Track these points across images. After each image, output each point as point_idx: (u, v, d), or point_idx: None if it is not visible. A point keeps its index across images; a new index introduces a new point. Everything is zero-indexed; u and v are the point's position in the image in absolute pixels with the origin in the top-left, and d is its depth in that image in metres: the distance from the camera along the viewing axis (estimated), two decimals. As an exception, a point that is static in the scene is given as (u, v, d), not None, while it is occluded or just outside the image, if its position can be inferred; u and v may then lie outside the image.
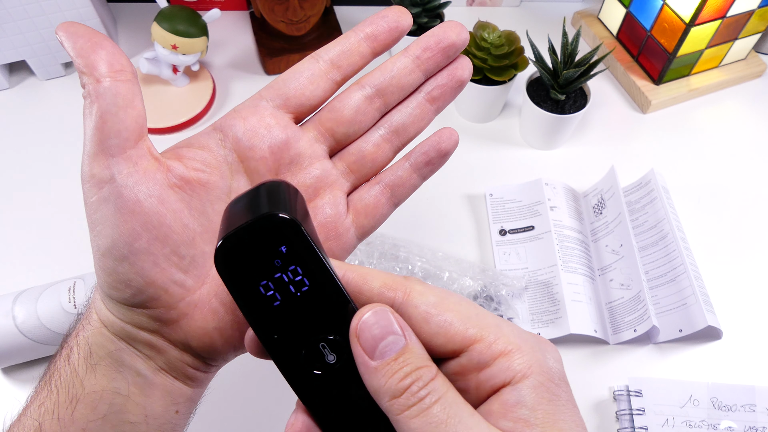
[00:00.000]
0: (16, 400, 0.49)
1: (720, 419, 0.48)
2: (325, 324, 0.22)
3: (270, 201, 0.22)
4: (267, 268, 0.22)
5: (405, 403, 0.20)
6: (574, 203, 0.60)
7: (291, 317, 0.22)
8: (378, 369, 0.20)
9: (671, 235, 0.55)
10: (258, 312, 0.22)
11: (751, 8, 0.64)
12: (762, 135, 0.68)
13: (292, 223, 0.21)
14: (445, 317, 0.22)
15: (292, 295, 0.22)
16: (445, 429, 0.19)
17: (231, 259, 0.22)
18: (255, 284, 0.22)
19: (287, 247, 0.21)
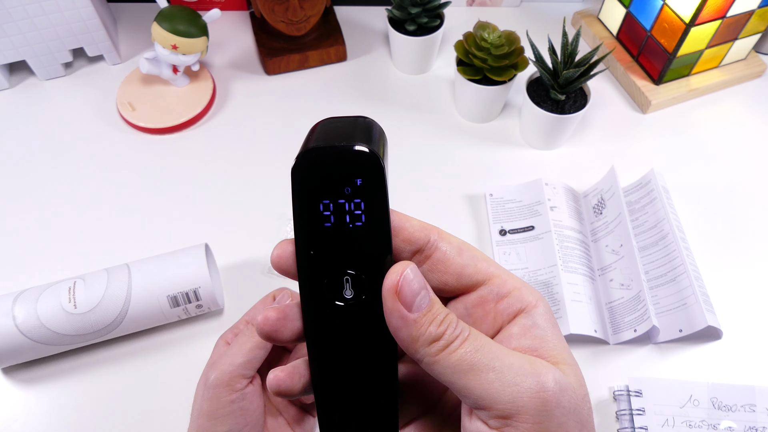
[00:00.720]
0: (16, 400, 0.49)
1: (720, 419, 0.48)
2: (359, 261, 0.24)
3: (365, 135, 0.24)
4: (336, 191, 0.23)
5: (443, 344, 0.23)
6: (574, 203, 0.60)
7: (333, 242, 0.24)
8: (417, 321, 0.23)
9: (671, 235, 0.55)
10: (308, 224, 0.24)
11: (751, 8, 0.64)
12: (762, 135, 0.68)
13: (379, 164, 0.23)
14: (473, 253, 0.26)
15: (344, 224, 0.23)
16: (479, 356, 0.23)
17: (309, 168, 0.23)
18: (318, 200, 0.23)
19: (362, 182, 0.23)
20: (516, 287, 0.25)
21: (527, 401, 0.22)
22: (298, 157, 0.23)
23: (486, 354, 0.23)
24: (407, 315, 0.23)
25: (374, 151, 0.23)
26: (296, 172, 0.23)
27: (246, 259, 0.57)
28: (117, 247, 0.57)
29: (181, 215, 0.60)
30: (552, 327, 0.25)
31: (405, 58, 0.71)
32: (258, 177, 0.63)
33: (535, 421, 0.22)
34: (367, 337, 0.25)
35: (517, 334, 0.25)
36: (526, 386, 0.22)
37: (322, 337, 0.25)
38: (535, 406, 0.22)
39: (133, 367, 0.51)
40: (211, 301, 0.50)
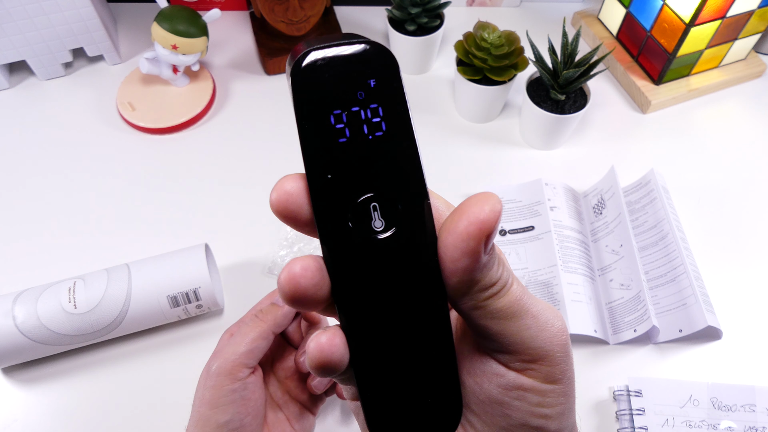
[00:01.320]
0: (16, 400, 0.49)
1: (720, 419, 0.48)
2: (389, 179, 0.20)
3: (370, 40, 0.20)
4: (347, 97, 0.19)
5: (497, 289, 0.21)
6: (574, 203, 0.60)
7: (353, 160, 0.19)
8: (486, 264, 0.20)
9: (671, 235, 0.55)
10: (319, 144, 0.19)
11: (750, 8, 0.64)
12: (762, 135, 0.68)
13: (392, 58, 0.19)
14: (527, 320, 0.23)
15: (363, 136, 0.19)
16: (523, 302, 0.21)
17: (310, 75, 0.19)
18: (327, 112, 0.19)
19: (377, 82, 0.19)
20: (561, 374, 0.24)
21: (554, 345, 0.22)
22: (297, 60, 0.19)
23: (526, 299, 0.22)
24: (482, 258, 0.19)
25: (383, 46, 0.19)
26: (297, 79, 0.19)
27: (246, 259, 0.57)
28: (117, 247, 0.57)
29: (181, 215, 0.60)
30: None
31: (405, 58, 0.71)
32: (258, 177, 0.63)
33: (556, 362, 0.22)
34: (409, 278, 0.20)
35: None
36: (553, 332, 0.22)
37: (355, 287, 0.20)
38: (559, 349, 0.22)
39: (133, 367, 0.51)
40: (211, 301, 0.50)
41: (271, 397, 0.43)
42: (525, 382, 0.22)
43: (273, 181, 0.67)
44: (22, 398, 0.49)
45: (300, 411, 0.44)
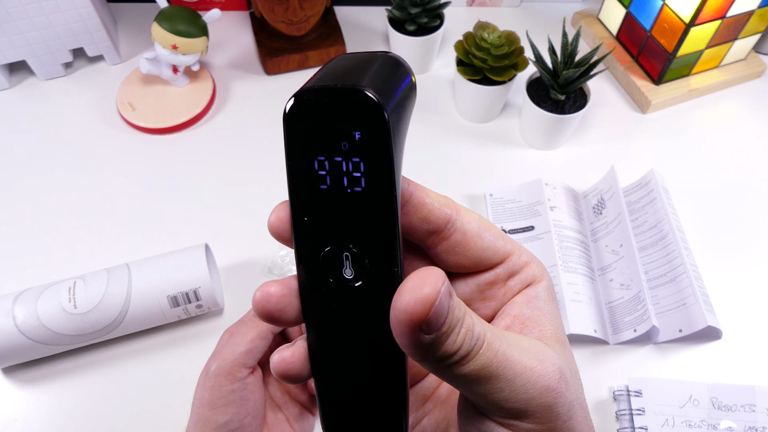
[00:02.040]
0: (16, 400, 0.49)
1: (720, 419, 0.48)
2: (361, 234, 0.20)
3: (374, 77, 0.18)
4: (331, 146, 0.18)
5: (457, 359, 0.20)
6: (573, 203, 0.60)
7: (330, 208, 0.19)
8: (437, 339, 0.19)
9: (671, 235, 0.55)
10: (301, 184, 0.19)
11: (750, 8, 0.64)
12: (762, 135, 0.68)
13: (380, 116, 0.18)
14: (493, 233, 0.24)
15: (342, 187, 0.19)
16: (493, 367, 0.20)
17: (301, 115, 0.18)
18: (312, 155, 0.19)
19: (362, 136, 0.18)
20: (526, 262, 0.25)
21: (535, 405, 0.21)
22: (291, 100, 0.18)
23: (499, 362, 0.21)
24: (423, 338, 0.19)
25: (376, 97, 0.17)
26: (288, 119, 0.18)
27: (246, 259, 0.57)
28: (117, 247, 0.57)
29: (181, 215, 0.60)
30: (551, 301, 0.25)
31: (405, 57, 0.70)
32: (258, 177, 0.63)
33: (541, 420, 0.22)
34: (372, 324, 0.21)
35: (520, 303, 0.25)
36: (534, 391, 0.21)
37: (320, 319, 0.21)
38: (542, 409, 0.22)
39: (133, 367, 0.51)
40: (211, 301, 0.50)
41: (271, 397, 0.43)
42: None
43: (273, 180, 0.68)
44: (22, 398, 0.49)
45: (300, 411, 0.44)
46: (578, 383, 0.24)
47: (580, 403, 0.23)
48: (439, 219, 0.22)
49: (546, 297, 0.25)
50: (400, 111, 0.19)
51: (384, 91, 0.18)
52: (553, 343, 0.23)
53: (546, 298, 0.25)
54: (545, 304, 0.25)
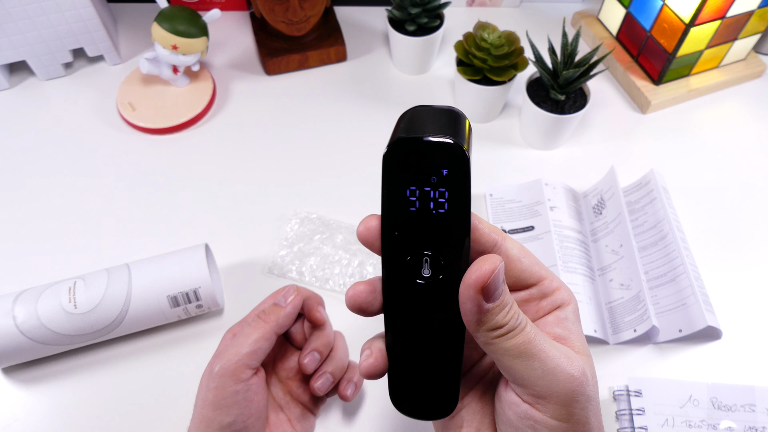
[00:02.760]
0: (16, 400, 0.49)
1: (720, 419, 0.48)
2: (439, 244, 0.26)
3: (454, 127, 0.25)
4: (423, 179, 0.25)
5: (504, 332, 0.26)
6: (573, 203, 0.60)
7: (417, 225, 0.26)
8: (489, 309, 0.26)
9: (671, 235, 0.55)
10: (395, 207, 0.26)
11: (750, 8, 0.64)
12: (761, 135, 0.68)
13: (464, 157, 0.24)
14: (531, 259, 0.30)
15: (428, 210, 0.25)
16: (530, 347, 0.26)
17: (401, 155, 0.25)
18: (406, 185, 0.25)
19: (448, 173, 0.25)
20: (557, 288, 0.30)
21: (560, 388, 0.26)
22: (390, 145, 0.25)
23: (535, 345, 0.26)
24: (483, 305, 0.26)
25: (460, 144, 0.24)
26: (387, 159, 0.25)
27: (246, 259, 0.57)
28: (117, 247, 0.57)
29: (181, 215, 0.60)
30: (578, 322, 0.30)
31: (405, 58, 0.71)
32: (258, 177, 0.63)
33: (563, 404, 0.27)
34: (440, 312, 0.27)
35: (552, 323, 0.29)
36: (561, 377, 0.26)
37: (399, 311, 0.28)
38: (565, 393, 0.26)
39: (133, 367, 0.51)
40: (211, 301, 0.50)
41: (273, 397, 0.43)
42: (535, 414, 0.27)
43: (273, 180, 0.68)
44: (22, 398, 0.49)
45: (301, 412, 0.44)
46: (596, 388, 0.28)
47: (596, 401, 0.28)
48: (488, 242, 0.28)
49: (574, 318, 0.30)
50: (470, 150, 0.25)
51: (461, 137, 0.25)
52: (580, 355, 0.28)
53: (574, 320, 0.30)
54: (573, 325, 0.30)
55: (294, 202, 0.61)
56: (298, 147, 0.66)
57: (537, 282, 0.30)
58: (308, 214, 0.59)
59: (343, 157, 0.65)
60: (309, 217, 0.59)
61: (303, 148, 0.65)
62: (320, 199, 0.61)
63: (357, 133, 0.67)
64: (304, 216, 0.59)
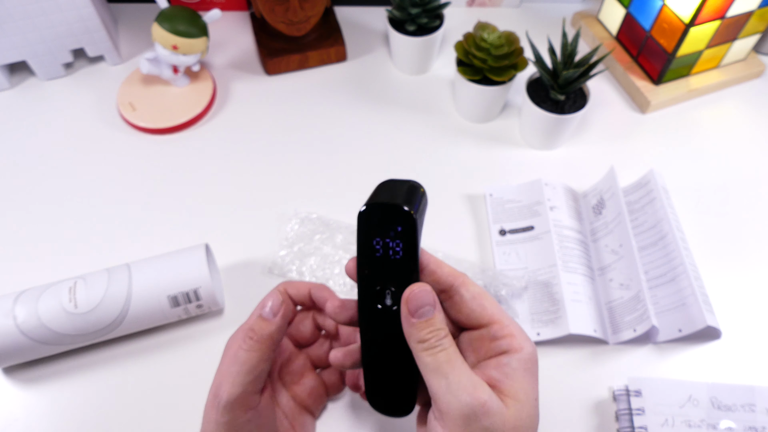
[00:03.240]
0: (16, 400, 0.49)
1: (719, 419, 0.48)
2: (395, 279, 0.34)
3: (409, 198, 0.33)
4: (385, 233, 0.33)
5: (426, 347, 0.33)
6: (573, 203, 0.60)
7: (380, 266, 0.34)
8: (414, 324, 0.33)
9: (671, 235, 0.55)
10: (364, 253, 0.34)
11: (750, 9, 0.64)
12: (761, 135, 0.68)
13: (413, 221, 0.32)
14: (483, 302, 0.35)
15: (388, 256, 0.34)
16: (443, 366, 0.32)
17: (369, 216, 0.33)
18: (372, 237, 0.33)
19: (402, 230, 0.33)
20: (511, 334, 0.34)
21: (455, 410, 0.31)
22: (364, 206, 0.33)
23: (449, 366, 0.32)
24: (409, 318, 0.33)
25: (410, 210, 0.32)
26: (361, 217, 0.33)
27: (246, 259, 0.57)
28: (117, 247, 0.57)
29: (182, 215, 0.60)
30: (524, 370, 0.33)
31: (405, 58, 0.71)
32: (258, 177, 0.63)
33: (455, 425, 0.31)
34: (397, 332, 0.35)
35: (490, 365, 0.34)
36: (459, 399, 0.31)
37: (368, 329, 0.36)
38: (459, 416, 0.31)
39: (133, 367, 0.51)
40: (211, 301, 0.50)
41: (279, 407, 0.43)
42: (437, 428, 0.32)
43: (273, 180, 0.68)
44: (22, 398, 0.49)
45: (304, 414, 0.44)
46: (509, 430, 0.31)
47: None
48: (445, 283, 0.35)
49: (517, 366, 0.33)
50: (421, 215, 0.34)
51: (413, 204, 0.33)
52: (504, 398, 0.32)
53: (516, 367, 0.33)
54: (514, 372, 0.33)
55: (294, 201, 0.61)
56: (298, 147, 0.66)
57: (488, 323, 0.34)
58: (308, 214, 0.59)
59: (343, 157, 0.65)
60: (309, 217, 0.59)
61: (303, 147, 0.66)
62: (320, 199, 0.61)
63: (357, 132, 0.67)
64: (304, 216, 0.59)
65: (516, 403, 0.32)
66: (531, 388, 0.33)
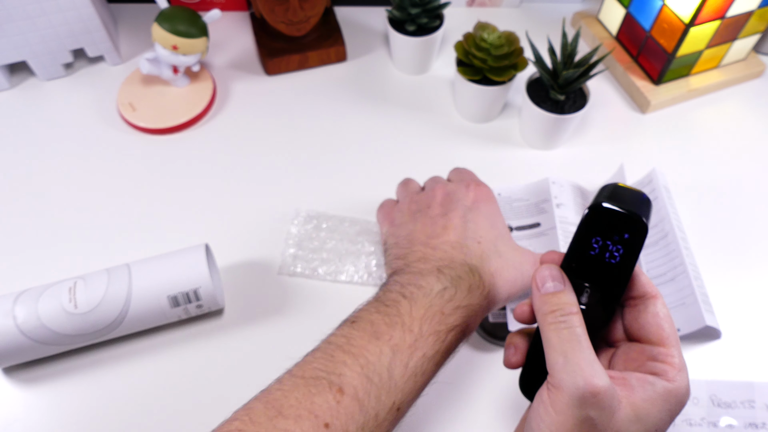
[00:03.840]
0: (16, 400, 0.49)
1: (719, 416, 0.48)
2: (601, 281, 0.34)
3: (645, 210, 0.33)
4: (609, 235, 0.33)
5: (549, 320, 0.33)
6: (582, 200, 0.60)
7: (590, 264, 0.34)
8: (540, 296, 0.34)
9: (671, 234, 0.55)
10: (579, 247, 0.34)
11: (750, 9, 0.64)
12: (762, 135, 0.68)
13: (645, 235, 0.33)
14: (663, 324, 0.34)
15: (603, 258, 0.34)
16: (566, 343, 0.32)
17: (601, 215, 0.33)
18: (594, 235, 0.33)
19: (629, 238, 0.33)
20: (672, 364, 0.33)
21: (567, 388, 0.31)
22: (595, 204, 0.33)
23: (570, 345, 0.32)
24: (537, 290, 0.34)
25: (645, 222, 0.32)
26: (593, 213, 0.33)
27: (246, 259, 0.57)
28: (117, 247, 0.57)
29: (182, 215, 0.60)
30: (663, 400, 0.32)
31: (405, 58, 0.71)
32: (258, 177, 0.63)
33: (563, 403, 0.31)
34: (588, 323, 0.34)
35: (633, 377, 0.33)
36: (574, 380, 0.30)
37: None
38: (568, 395, 0.31)
39: (133, 367, 0.51)
40: (211, 301, 0.50)
41: None
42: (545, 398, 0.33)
43: (273, 180, 0.67)
44: (22, 398, 0.49)
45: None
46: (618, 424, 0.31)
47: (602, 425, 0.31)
48: (638, 291, 0.34)
49: (661, 391, 0.32)
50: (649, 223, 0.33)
51: (647, 219, 0.33)
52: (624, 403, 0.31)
53: (660, 392, 0.32)
54: (653, 393, 0.32)
55: (294, 201, 0.61)
56: (298, 147, 0.66)
57: (656, 343, 0.34)
58: (310, 212, 0.59)
59: (343, 157, 0.65)
60: (312, 214, 0.59)
61: (303, 147, 0.66)
62: (320, 199, 0.61)
63: (357, 133, 0.67)
64: (305, 215, 0.59)
65: (633, 414, 0.31)
66: (658, 418, 0.31)
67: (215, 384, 0.50)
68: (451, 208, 0.48)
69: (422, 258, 0.44)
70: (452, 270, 0.43)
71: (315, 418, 0.34)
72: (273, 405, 0.35)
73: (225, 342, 0.52)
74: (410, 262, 0.44)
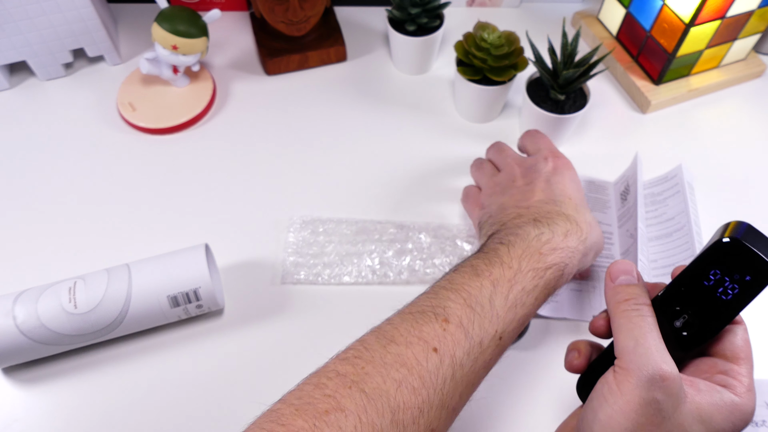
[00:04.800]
0: (16, 400, 0.49)
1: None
2: (704, 312, 0.34)
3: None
4: (729, 272, 0.33)
5: (622, 308, 0.34)
6: (595, 195, 0.60)
7: (700, 293, 0.34)
8: (613, 287, 0.36)
9: (686, 227, 0.55)
10: (695, 274, 0.34)
11: (750, 8, 0.64)
12: (762, 135, 0.68)
13: (767, 281, 0.32)
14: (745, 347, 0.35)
15: (714, 291, 0.33)
16: (637, 329, 0.33)
17: (730, 250, 0.33)
18: (715, 267, 0.33)
19: (750, 281, 0.32)
20: (742, 383, 0.33)
21: (637, 369, 0.31)
22: (730, 237, 0.33)
23: (640, 331, 0.33)
24: (610, 283, 0.36)
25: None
26: (722, 246, 0.33)
27: (246, 259, 0.57)
28: (117, 247, 0.57)
29: (181, 215, 0.60)
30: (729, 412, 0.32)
31: (405, 58, 0.71)
32: (258, 177, 0.63)
33: (632, 385, 0.31)
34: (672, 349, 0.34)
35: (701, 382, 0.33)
36: (646, 362, 0.31)
37: None
38: (638, 377, 0.31)
39: (133, 367, 0.51)
40: (211, 301, 0.50)
41: None
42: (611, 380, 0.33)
43: (273, 180, 0.67)
44: (22, 398, 0.49)
45: None
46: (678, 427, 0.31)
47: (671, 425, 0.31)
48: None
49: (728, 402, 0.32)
50: None
51: None
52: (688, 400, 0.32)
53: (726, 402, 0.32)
54: (720, 402, 0.32)
55: (293, 201, 0.61)
56: (298, 147, 0.66)
57: (730, 359, 0.34)
58: (303, 219, 0.59)
59: (342, 157, 0.65)
60: (305, 221, 0.59)
61: (303, 147, 0.65)
62: (320, 199, 0.61)
63: (357, 133, 0.67)
64: (301, 221, 0.59)
65: (697, 414, 0.31)
66: (721, 427, 0.32)
67: (215, 384, 0.50)
68: (534, 177, 0.49)
69: (517, 216, 0.46)
70: (548, 219, 0.44)
71: (425, 344, 0.36)
72: (385, 335, 0.37)
73: (225, 342, 0.52)
74: (506, 221, 0.46)
